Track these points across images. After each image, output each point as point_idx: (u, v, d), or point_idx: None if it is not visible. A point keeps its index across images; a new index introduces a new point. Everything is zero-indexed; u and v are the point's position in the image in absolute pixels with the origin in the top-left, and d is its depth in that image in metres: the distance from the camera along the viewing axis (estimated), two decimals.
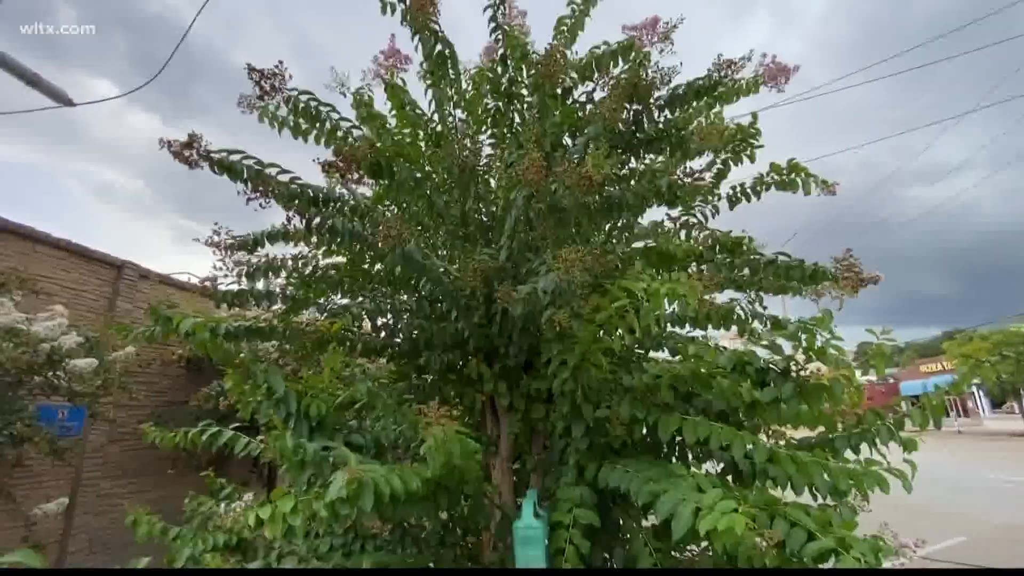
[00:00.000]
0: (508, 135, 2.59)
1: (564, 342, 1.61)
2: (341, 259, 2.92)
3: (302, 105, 2.30)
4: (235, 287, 2.31)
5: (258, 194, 2.19)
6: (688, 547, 2.04)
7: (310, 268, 2.75)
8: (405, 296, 2.88)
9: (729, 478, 1.91)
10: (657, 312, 1.28)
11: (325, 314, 2.63)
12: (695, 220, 2.48)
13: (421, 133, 2.76)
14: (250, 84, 2.21)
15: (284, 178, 2.27)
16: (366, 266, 2.97)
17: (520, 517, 1.64)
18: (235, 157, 2.20)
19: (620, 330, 1.41)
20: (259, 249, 2.68)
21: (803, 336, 1.54)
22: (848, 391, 1.55)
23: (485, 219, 2.56)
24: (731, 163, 2.42)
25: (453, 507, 1.83)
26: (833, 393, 1.53)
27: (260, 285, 2.48)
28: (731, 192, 2.46)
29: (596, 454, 1.88)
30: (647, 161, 2.44)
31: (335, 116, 2.38)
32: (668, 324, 2.33)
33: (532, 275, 1.69)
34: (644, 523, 2.04)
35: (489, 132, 2.59)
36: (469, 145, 2.34)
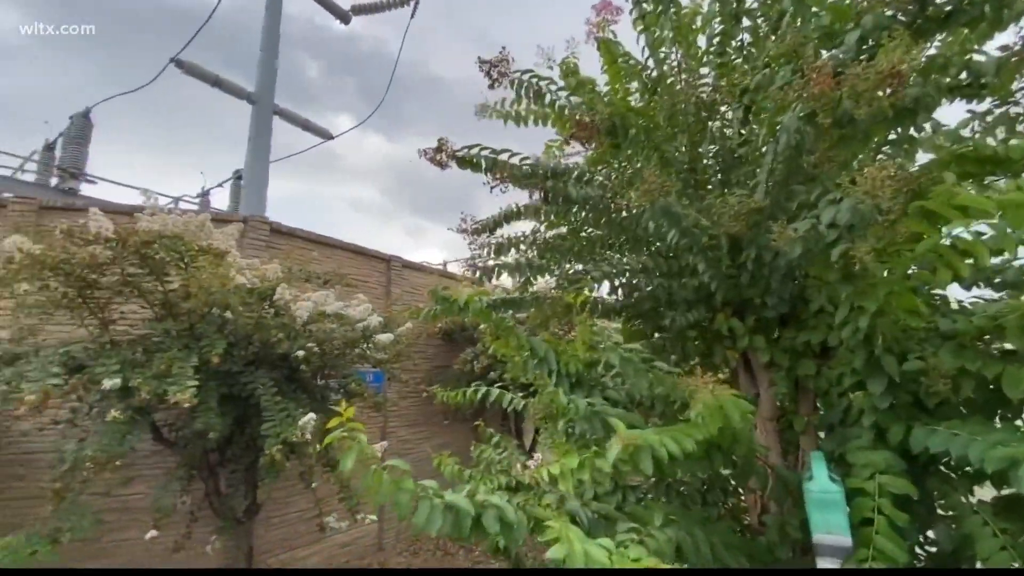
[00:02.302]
0: (737, 61, 2.30)
1: (856, 283, 1.37)
2: (563, 229, 3.07)
3: (526, 84, 2.43)
4: (491, 263, 2.60)
5: (497, 180, 2.42)
6: None
7: (542, 239, 2.95)
8: (626, 257, 2.86)
9: None
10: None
11: (562, 281, 2.80)
12: (1017, 111, 1.83)
13: (635, 84, 2.66)
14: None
15: (515, 160, 2.45)
16: (584, 233, 3.06)
17: (810, 479, 1.49)
18: (474, 151, 2.47)
19: (952, 264, 1.12)
20: (498, 229, 3.00)
21: None
22: None
23: (719, 161, 2.35)
24: None
25: (726, 466, 1.77)
26: None
27: (508, 259, 2.77)
28: None
29: (901, 414, 1.58)
30: (937, 44, 1.89)
31: (553, 88, 2.45)
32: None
33: (804, 209, 1.47)
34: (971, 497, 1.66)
35: (716, 63, 2.33)
36: (695, 81, 2.16)
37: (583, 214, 2.82)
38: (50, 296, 3.13)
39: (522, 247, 2.90)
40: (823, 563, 1.47)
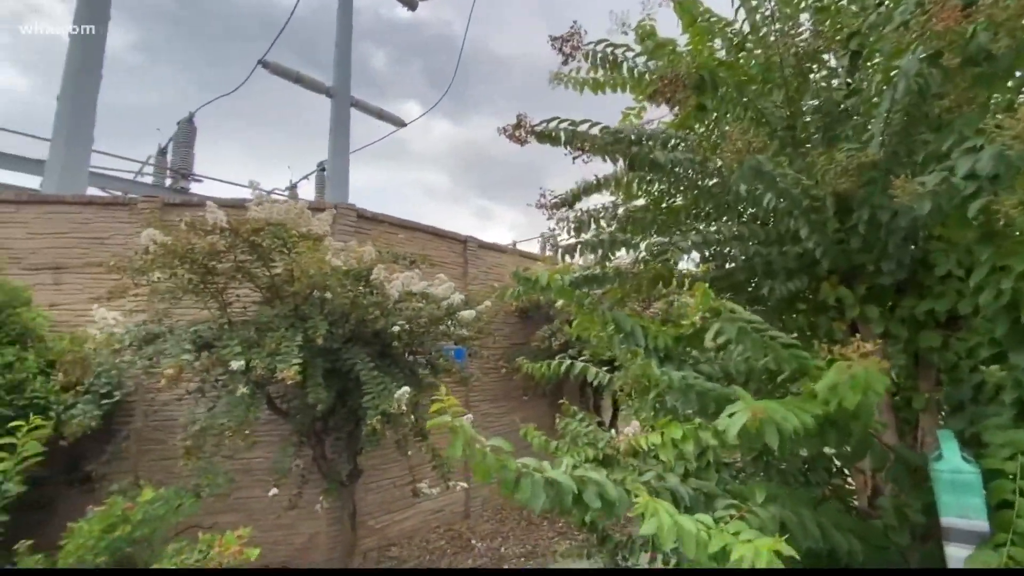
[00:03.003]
0: (842, 2, 2.08)
1: (999, 242, 1.21)
2: (641, 201, 2.99)
3: (600, 55, 2.36)
4: (571, 241, 2.59)
5: (578, 152, 2.39)
6: None
7: (621, 211, 2.90)
8: (714, 226, 2.74)
9: None
10: None
11: (645, 255, 2.73)
12: None
13: (719, 42, 2.50)
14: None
15: (595, 131, 2.40)
16: (665, 205, 2.96)
17: (939, 459, 1.37)
18: (552, 125, 2.45)
19: None
20: (577, 203, 2.97)
21: None
22: None
23: (822, 115, 2.16)
24: None
25: (841, 445, 1.67)
26: None
27: (587, 236, 2.74)
28: None
29: None
30: None
31: (631, 55, 2.36)
32: None
33: (932, 161, 1.32)
34: None
35: (816, 7, 2.13)
36: (792, 30, 1.99)
37: (668, 183, 2.72)
38: (178, 282, 3.55)
39: (601, 222, 2.86)
40: (953, 548, 1.36)
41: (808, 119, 2.28)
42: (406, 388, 3.24)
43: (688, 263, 2.74)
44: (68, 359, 3.04)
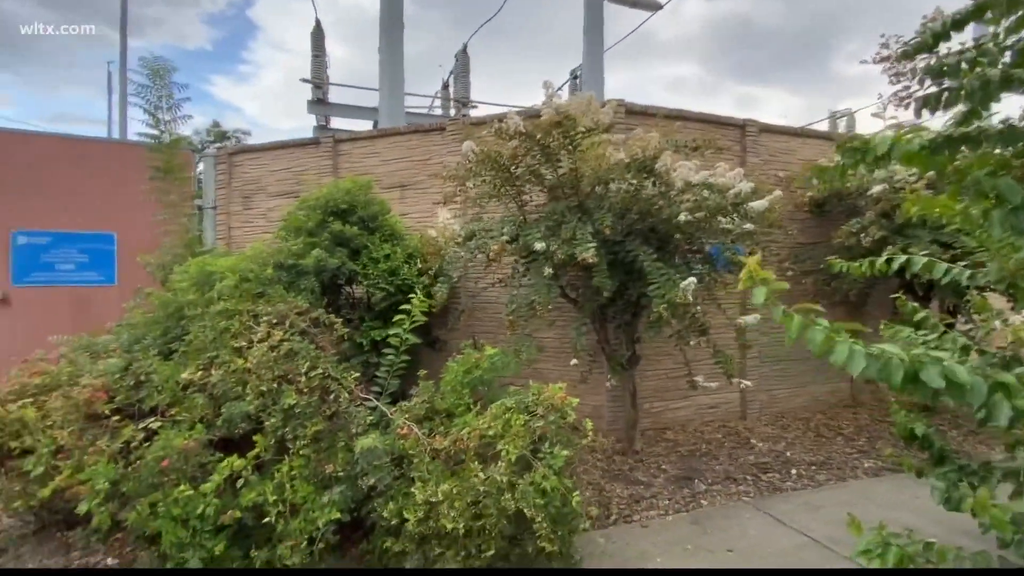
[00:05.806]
0: None
1: None
2: None
3: None
4: (931, 89, 2.02)
5: None
6: None
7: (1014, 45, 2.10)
8: None
9: None
10: None
11: None
12: None
13: None
14: None
15: None
16: None
17: None
18: None
19: None
20: (940, 44, 2.28)
21: None
22: None
23: None
24: None
25: None
26: None
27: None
28: None
29: None
30: None
31: None
32: None
33: None
34: None
35: None
36: None
37: None
38: (486, 188, 4.22)
39: (982, 61, 2.13)
40: None
41: None
42: (692, 279, 3.22)
43: None
44: (431, 252, 4.11)
